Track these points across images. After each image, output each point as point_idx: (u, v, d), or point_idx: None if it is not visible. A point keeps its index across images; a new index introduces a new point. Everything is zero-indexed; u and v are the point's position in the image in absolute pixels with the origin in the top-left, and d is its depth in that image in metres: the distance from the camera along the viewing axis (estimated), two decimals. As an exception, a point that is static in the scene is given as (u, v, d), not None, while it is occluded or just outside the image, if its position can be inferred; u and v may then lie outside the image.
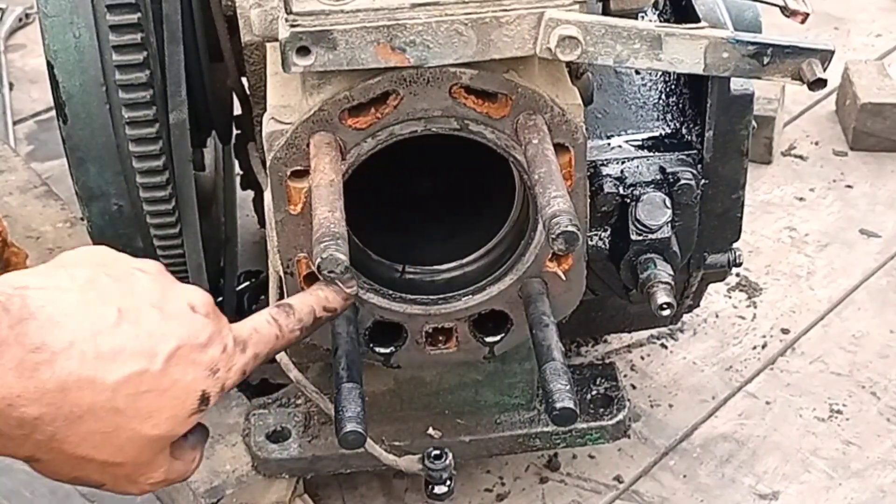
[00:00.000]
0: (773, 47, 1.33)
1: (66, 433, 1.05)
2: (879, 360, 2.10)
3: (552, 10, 1.26)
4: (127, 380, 1.06)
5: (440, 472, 1.56)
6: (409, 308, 1.48)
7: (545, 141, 1.31)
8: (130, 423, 1.07)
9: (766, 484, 1.90)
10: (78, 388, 1.03)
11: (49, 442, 1.05)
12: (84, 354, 1.04)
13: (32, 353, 1.02)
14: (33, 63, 2.86)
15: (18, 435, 1.04)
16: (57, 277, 1.08)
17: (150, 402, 1.08)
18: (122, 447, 1.08)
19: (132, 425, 1.07)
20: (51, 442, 1.05)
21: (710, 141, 1.56)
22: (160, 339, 1.08)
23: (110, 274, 1.10)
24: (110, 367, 1.05)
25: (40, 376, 1.02)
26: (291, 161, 1.34)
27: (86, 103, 1.57)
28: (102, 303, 1.07)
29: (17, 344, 1.01)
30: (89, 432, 1.06)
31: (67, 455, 1.07)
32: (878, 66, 2.64)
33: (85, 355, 1.04)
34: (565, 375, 1.32)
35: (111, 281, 1.09)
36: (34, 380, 1.02)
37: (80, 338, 1.04)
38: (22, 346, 1.01)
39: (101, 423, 1.06)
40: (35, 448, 1.06)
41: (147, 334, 1.08)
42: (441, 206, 1.61)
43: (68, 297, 1.06)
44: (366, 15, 1.25)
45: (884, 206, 2.43)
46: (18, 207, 2.17)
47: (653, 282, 1.54)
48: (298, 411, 1.76)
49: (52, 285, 1.07)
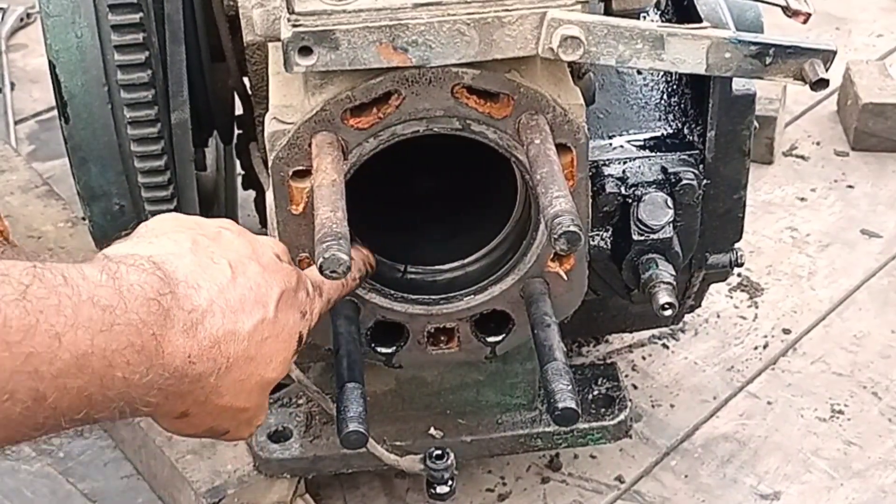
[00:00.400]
0: (775, 47, 1.33)
1: (219, 385, 1.11)
2: (881, 360, 2.10)
3: (554, 10, 1.26)
4: (254, 328, 1.13)
5: (442, 472, 1.56)
6: (410, 308, 1.48)
7: (547, 141, 1.31)
8: (259, 368, 1.14)
9: (767, 484, 1.90)
10: (225, 341, 1.10)
11: (207, 395, 1.11)
12: (222, 310, 1.10)
13: (189, 315, 1.07)
14: (35, 63, 2.86)
15: (186, 392, 1.09)
16: (164, 244, 1.12)
17: (270, 348, 1.15)
18: (251, 392, 1.15)
19: (260, 371, 1.15)
20: (208, 395, 1.11)
21: (711, 141, 1.56)
22: (267, 289, 1.15)
23: (204, 234, 1.16)
24: (241, 318, 1.12)
25: (199, 335, 1.07)
26: (293, 161, 1.34)
27: (87, 103, 1.57)
28: (214, 261, 1.13)
29: (178, 308, 1.06)
30: (233, 381, 1.12)
31: (213, 406, 1.13)
32: (879, 66, 2.64)
33: (223, 311, 1.10)
34: (567, 375, 1.32)
35: (209, 241, 1.15)
36: (197, 338, 1.07)
37: (214, 295, 1.10)
38: (182, 309, 1.06)
39: (241, 372, 1.12)
40: (191, 403, 1.11)
41: (256, 285, 1.14)
42: (443, 206, 1.61)
43: (186, 261, 1.11)
44: (368, 15, 1.25)
45: (885, 207, 2.43)
46: (20, 207, 2.17)
47: (654, 282, 1.54)
48: (300, 411, 1.76)
49: (167, 252, 1.11)
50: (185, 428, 1.17)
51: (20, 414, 0.93)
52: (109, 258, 1.05)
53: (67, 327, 0.95)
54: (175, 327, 1.05)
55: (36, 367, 0.92)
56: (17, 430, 0.95)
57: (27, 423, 0.94)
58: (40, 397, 0.94)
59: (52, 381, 0.94)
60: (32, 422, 0.95)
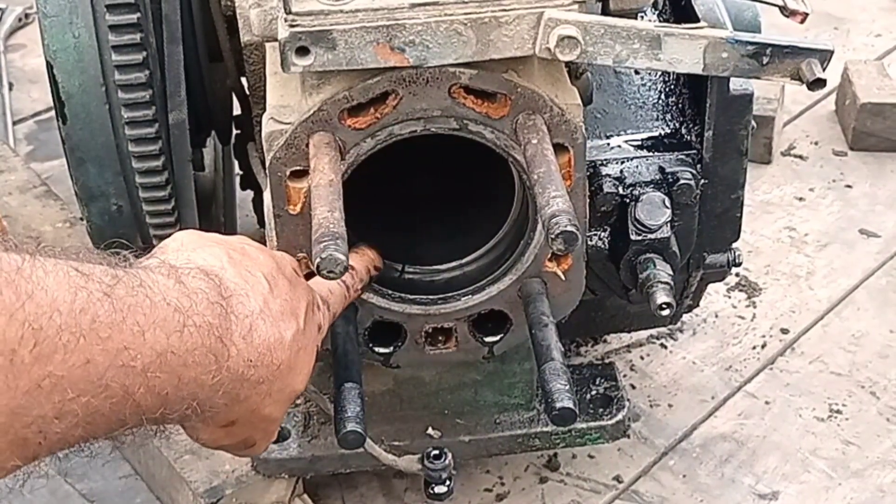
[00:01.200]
0: (773, 47, 1.33)
1: (270, 392, 1.13)
2: (879, 359, 2.10)
3: (551, 10, 1.26)
4: (294, 338, 1.15)
5: (440, 472, 1.56)
6: (408, 308, 1.48)
7: (544, 141, 1.31)
8: (294, 379, 1.16)
9: (765, 484, 1.90)
10: (274, 349, 1.12)
11: (259, 403, 1.12)
12: (268, 319, 1.12)
13: (245, 321, 1.09)
14: (33, 63, 2.86)
15: (244, 398, 1.10)
16: (205, 257, 1.13)
17: (302, 359, 1.17)
18: (283, 403, 1.17)
19: (294, 381, 1.17)
20: (260, 403, 1.12)
21: (709, 141, 1.56)
22: (296, 302, 1.18)
23: (235, 249, 1.17)
24: (285, 327, 1.14)
25: (255, 341, 1.09)
26: (291, 161, 1.34)
27: (85, 103, 1.57)
28: (253, 274, 1.14)
29: (234, 314, 1.08)
30: (278, 390, 1.14)
31: (258, 416, 1.14)
32: (877, 65, 2.64)
33: (269, 319, 1.12)
34: (565, 375, 1.32)
35: (240, 255, 1.16)
36: (253, 344, 1.09)
37: (261, 304, 1.12)
38: (237, 317, 1.08)
39: (283, 382, 1.14)
40: (244, 411, 1.12)
41: (287, 298, 1.16)
42: (440, 205, 1.61)
43: (230, 272, 1.12)
44: (365, 15, 1.25)
45: (883, 206, 2.43)
46: (18, 207, 2.17)
47: (652, 282, 1.54)
48: (298, 411, 1.76)
49: (210, 264, 1.11)
50: (223, 438, 1.18)
51: (109, 409, 0.94)
52: (170, 265, 1.06)
53: (148, 325, 0.96)
54: (235, 332, 1.07)
55: (125, 363, 0.94)
56: (101, 425, 0.95)
57: (113, 418, 0.95)
58: (128, 393, 0.95)
59: (139, 376, 0.95)
60: (117, 417, 0.96)
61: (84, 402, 0.91)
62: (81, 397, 0.91)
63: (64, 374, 0.89)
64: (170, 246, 1.15)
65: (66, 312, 0.89)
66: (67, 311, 0.89)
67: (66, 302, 0.89)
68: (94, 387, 0.91)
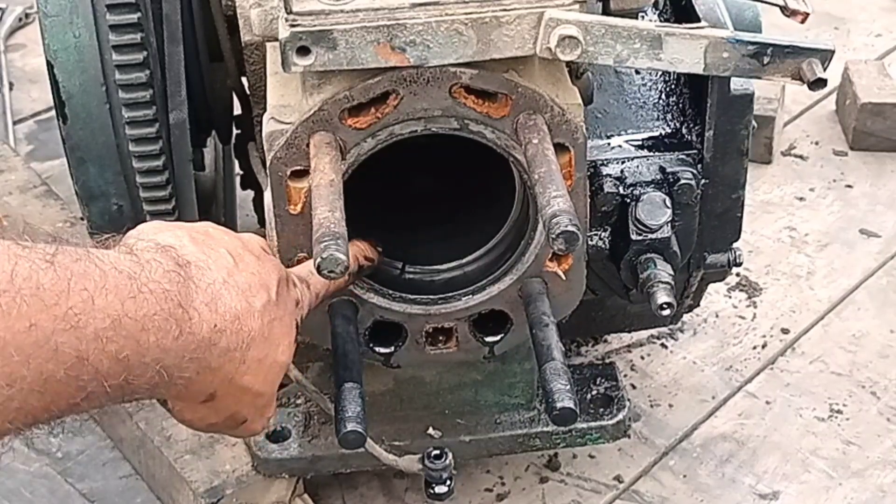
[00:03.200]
0: (774, 47, 1.33)
1: (244, 359, 1.14)
2: (879, 359, 2.10)
3: (552, 10, 1.26)
4: (264, 308, 1.16)
5: (440, 472, 1.56)
6: (409, 308, 1.48)
7: (545, 141, 1.31)
8: (272, 349, 1.18)
9: (766, 484, 1.90)
10: (244, 316, 1.13)
11: (234, 371, 1.14)
12: (232, 289, 1.13)
13: (207, 289, 1.10)
14: (33, 63, 2.86)
15: (216, 366, 1.11)
16: (165, 237, 1.14)
17: (278, 330, 1.19)
18: (267, 375, 1.18)
19: (273, 352, 1.18)
20: (234, 372, 1.14)
21: (710, 141, 1.56)
22: (265, 276, 1.19)
23: (198, 231, 1.19)
24: (253, 298, 1.15)
25: (219, 308, 1.11)
26: (291, 161, 1.34)
27: (86, 103, 1.57)
28: (216, 250, 1.16)
29: (195, 284, 1.09)
30: (253, 360, 1.15)
31: (237, 386, 1.16)
32: (878, 65, 2.64)
33: (235, 289, 1.13)
34: (565, 375, 1.32)
35: (203, 236, 1.18)
36: (219, 312, 1.10)
37: (223, 277, 1.13)
38: (199, 287, 1.10)
39: (259, 350, 1.15)
40: (220, 382, 1.14)
41: (256, 272, 1.18)
42: (441, 205, 1.61)
43: (191, 248, 1.14)
44: (366, 15, 1.25)
45: (884, 206, 2.43)
46: (18, 207, 2.17)
47: (653, 281, 1.54)
48: (298, 411, 1.76)
49: (171, 242, 1.13)
50: (209, 415, 1.20)
51: (65, 374, 0.95)
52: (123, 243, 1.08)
53: (98, 290, 0.98)
54: (196, 299, 1.08)
55: (74, 325, 0.95)
56: (60, 393, 0.96)
57: (71, 384, 0.96)
58: (82, 357, 0.96)
59: (93, 341, 0.97)
60: (76, 384, 0.96)
61: (35, 367, 0.92)
62: (30, 361, 0.92)
63: (7, 338, 0.90)
64: (129, 234, 1.17)
65: (6, 280, 0.91)
66: (7, 280, 0.91)
67: (5, 272, 0.92)
68: (43, 350, 0.93)
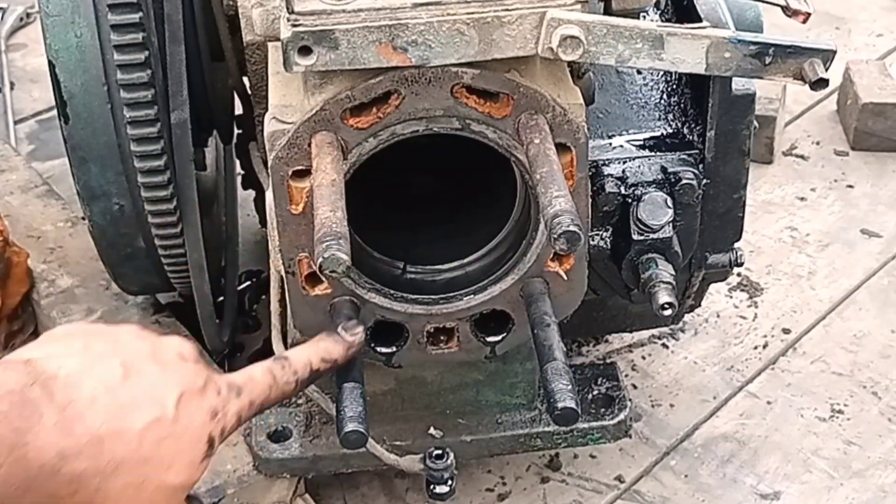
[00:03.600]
0: (775, 47, 1.33)
1: (107, 487, 1.08)
2: (881, 359, 2.10)
3: (554, 10, 1.26)
4: (148, 427, 1.10)
5: (441, 472, 1.56)
6: (410, 308, 1.48)
7: (547, 141, 1.31)
8: (156, 472, 1.11)
9: (767, 484, 1.90)
10: (110, 439, 1.08)
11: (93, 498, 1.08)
12: (107, 407, 1.08)
13: (65, 411, 1.06)
14: (34, 62, 2.86)
15: (66, 494, 1.07)
16: (53, 347, 1.13)
17: (170, 449, 1.12)
18: (151, 498, 1.12)
19: (158, 475, 1.11)
20: (95, 498, 1.08)
21: (711, 141, 1.56)
22: (165, 388, 1.13)
23: (101, 337, 1.16)
24: (132, 416, 1.09)
25: (77, 431, 1.06)
26: (293, 161, 1.34)
27: (87, 103, 1.57)
28: (105, 362, 1.12)
29: (50, 404, 1.05)
30: (124, 485, 1.09)
31: None
32: (879, 65, 2.64)
33: (108, 408, 1.08)
34: (567, 375, 1.32)
35: (104, 343, 1.14)
36: (74, 435, 1.06)
37: (99, 393, 1.09)
38: (55, 405, 1.06)
39: (133, 475, 1.09)
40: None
41: (152, 385, 1.12)
42: (443, 205, 1.61)
43: (73, 361, 1.10)
44: (367, 14, 1.25)
45: (885, 206, 2.43)
46: (19, 207, 2.17)
47: (654, 281, 1.54)
48: (300, 411, 1.76)
49: (53, 353, 1.11)
50: None
51: None
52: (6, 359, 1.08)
53: None
54: (44, 421, 1.04)
55: None
56: None
57: None
58: None
59: None
60: None
61: None
62: None
63: None
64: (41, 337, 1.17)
65: None
66: None
67: None
68: None
